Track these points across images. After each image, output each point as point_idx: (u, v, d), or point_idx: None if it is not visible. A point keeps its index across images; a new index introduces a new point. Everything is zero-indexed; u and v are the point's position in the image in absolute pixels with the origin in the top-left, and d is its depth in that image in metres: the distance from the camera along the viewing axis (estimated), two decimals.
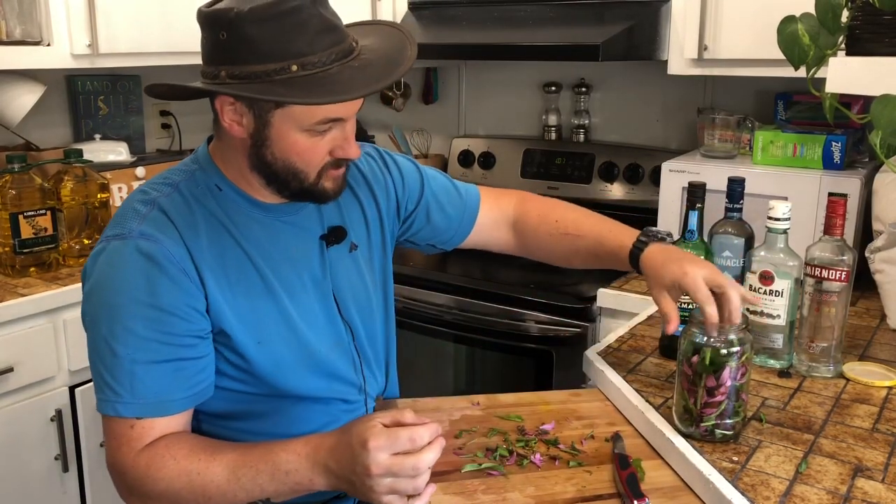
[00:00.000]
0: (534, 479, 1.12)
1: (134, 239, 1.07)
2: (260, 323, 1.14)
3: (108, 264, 1.08)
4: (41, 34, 2.04)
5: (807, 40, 1.36)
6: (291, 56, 1.02)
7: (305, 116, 1.07)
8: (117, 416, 1.06)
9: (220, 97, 1.08)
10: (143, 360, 1.06)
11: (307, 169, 1.12)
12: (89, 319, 1.10)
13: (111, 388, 1.07)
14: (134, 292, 1.06)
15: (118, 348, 1.06)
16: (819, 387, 1.34)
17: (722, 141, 2.10)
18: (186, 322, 1.08)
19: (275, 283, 1.16)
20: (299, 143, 1.09)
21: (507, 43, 2.20)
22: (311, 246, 1.22)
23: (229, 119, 1.09)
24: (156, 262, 1.07)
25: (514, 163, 2.67)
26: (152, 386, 1.07)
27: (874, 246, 1.65)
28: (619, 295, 1.94)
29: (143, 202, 1.12)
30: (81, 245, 2.06)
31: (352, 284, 1.27)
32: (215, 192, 1.15)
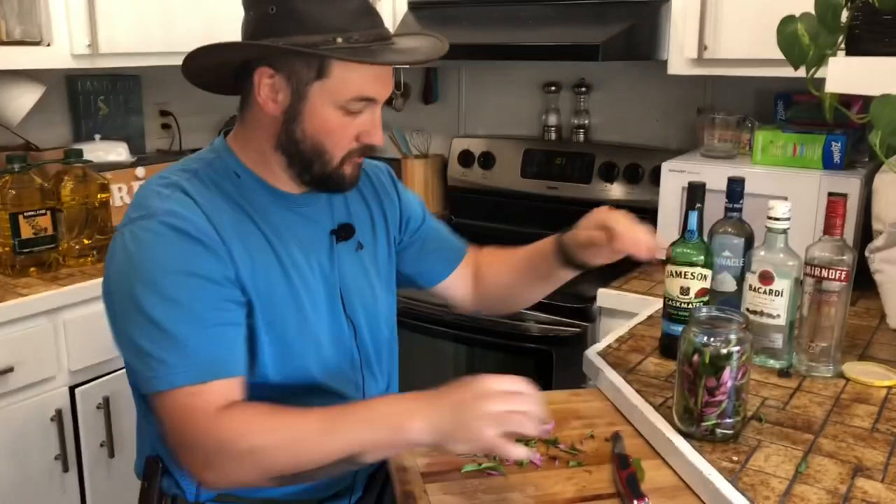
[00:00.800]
0: (534, 479, 1.12)
1: (160, 216, 1.08)
2: (273, 303, 1.16)
3: (139, 242, 1.08)
4: (41, 34, 2.04)
5: (806, 40, 1.36)
6: (336, 30, 1.08)
7: (342, 91, 1.11)
8: (173, 387, 1.04)
9: (260, 70, 1.11)
10: (190, 327, 1.06)
11: (333, 150, 1.15)
12: (122, 301, 1.09)
13: (161, 362, 1.05)
14: (171, 263, 1.07)
15: (162, 321, 1.05)
16: (819, 387, 1.35)
17: (722, 141, 2.10)
18: (225, 289, 1.10)
19: (290, 268, 1.18)
20: (332, 120, 1.12)
21: (507, 43, 2.20)
22: (321, 239, 1.24)
23: (265, 94, 1.12)
24: (187, 234, 1.08)
25: (513, 163, 2.67)
26: (203, 350, 1.06)
27: (874, 246, 1.65)
28: (619, 295, 1.94)
29: (164, 185, 1.13)
30: (81, 245, 2.06)
31: (357, 283, 1.29)
32: (234, 179, 1.17)
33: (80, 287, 1.90)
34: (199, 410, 1.05)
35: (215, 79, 1.20)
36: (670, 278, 1.41)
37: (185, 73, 1.16)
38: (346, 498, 1.30)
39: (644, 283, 2.01)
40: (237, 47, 1.12)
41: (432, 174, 2.84)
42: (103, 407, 1.95)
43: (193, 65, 1.14)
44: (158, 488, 1.21)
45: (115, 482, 1.99)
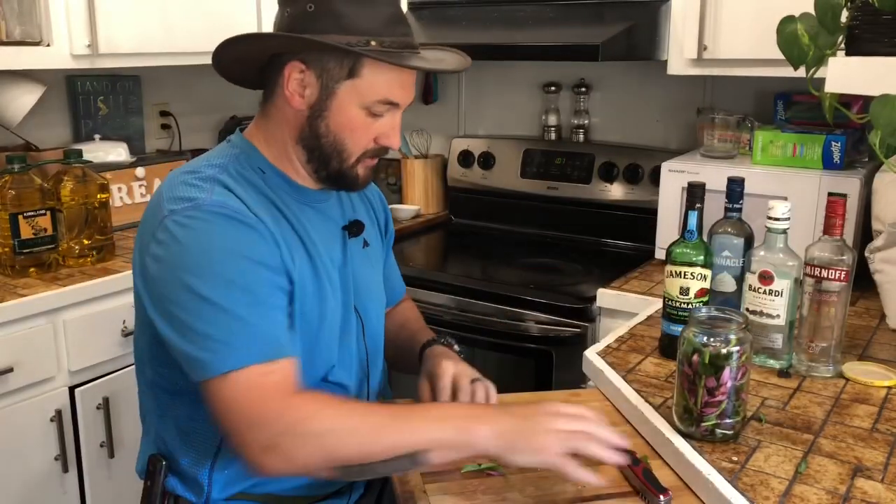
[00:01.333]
0: (533, 479, 1.12)
1: (208, 206, 1.09)
2: (305, 294, 1.17)
3: (191, 229, 1.08)
4: (41, 34, 2.04)
5: (806, 40, 1.36)
6: (370, 33, 1.11)
7: (370, 92, 1.14)
8: (241, 367, 1.03)
9: (292, 64, 1.13)
10: (252, 308, 1.06)
11: (353, 149, 1.17)
12: (172, 288, 1.07)
13: (224, 343, 1.04)
14: (228, 246, 1.08)
15: (224, 302, 1.05)
16: (818, 387, 1.35)
17: (722, 141, 2.10)
18: (277, 276, 1.11)
19: (317, 261, 1.20)
20: (356, 119, 1.15)
21: (507, 43, 2.21)
22: (335, 234, 1.27)
23: (293, 88, 1.15)
24: (241, 220, 1.09)
25: (513, 163, 2.67)
26: (268, 331, 1.07)
27: (874, 246, 1.65)
28: (618, 295, 1.94)
29: (200, 179, 1.13)
30: (81, 245, 2.06)
31: (365, 278, 1.31)
32: (259, 174, 1.19)
33: (80, 287, 1.90)
34: (273, 389, 1.04)
35: (240, 71, 1.22)
36: (670, 278, 1.41)
37: (216, 61, 1.19)
38: (346, 496, 1.30)
39: (644, 283, 2.01)
40: (277, 38, 1.14)
41: (432, 174, 2.84)
42: (103, 407, 1.94)
43: (227, 54, 1.16)
44: (162, 487, 1.21)
45: (115, 482, 1.99)
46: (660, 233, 2.10)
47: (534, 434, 1.02)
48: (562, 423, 1.03)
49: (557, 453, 1.01)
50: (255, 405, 1.03)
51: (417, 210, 2.79)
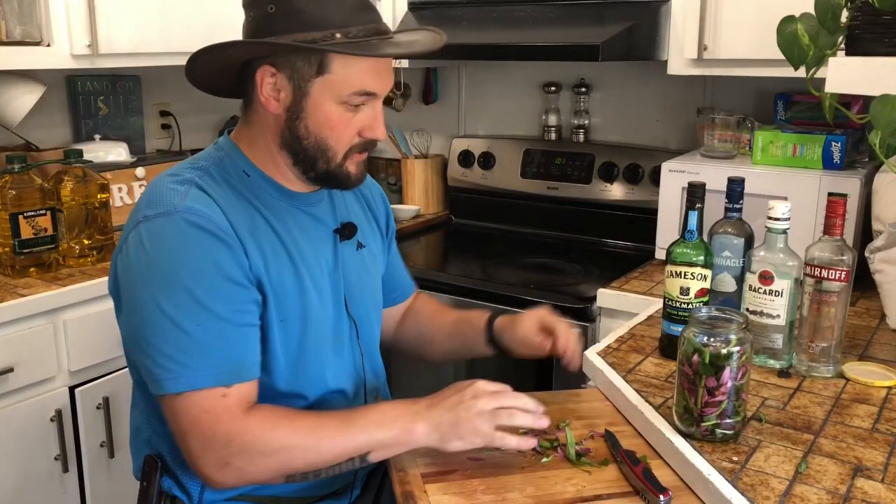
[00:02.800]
0: (533, 479, 1.12)
1: (181, 213, 1.08)
2: (287, 301, 1.16)
3: (158, 239, 1.08)
4: (41, 34, 2.04)
5: (806, 40, 1.36)
6: (335, 26, 1.09)
7: (343, 86, 1.12)
8: (194, 389, 1.05)
9: (262, 69, 1.12)
10: (213, 329, 1.06)
11: (337, 146, 1.16)
12: (139, 300, 1.08)
13: (182, 364, 1.05)
14: (193, 262, 1.07)
15: (185, 322, 1.05)
16: (819, 387, 1.35)
17: (722, 141, 2.10)
18: (246, 289, 1.11)
19: (301, 266, 1.19)
20: (334, 115, 1.13)
21: (507, 43, 2.20)
22: (326, 238, 1.25)
23: (267, 93, 1.13)
24: (210, 233, 1.08)
25: (513, 163, 2.67)
26: (226, 354, 1.07)
27: (874, 246, 1.65)
28: (619, 295, 1.94)
29: (177, 182, 1.13)
30: (81, 245, 2.06)
31: (360, 281, 1.30)
32: (243, 178, 1.18)
33: (80, 287, 1.90)
34: (225, 413, 1.06)
35: (218, 82, 1.20)
36: (670, 278, 1.41)
37: (189, 75, 1.17)
38: (345, 496, 1.30)
39: (644, 283, 2.01)
40: (237, 46, 1.12)
41: (432, 174, 2.84)
42: (103, 407, 1.95)
43: (196, 67, 1.15)
44: (158, 487, 1.21)
45: (115, 482, 1.99)
46: (660, 233, 2.10)
47: (463, 422, 1.09)
48: (483, 402, 1.10)
49: (487, 433, 1.09)
50: (206, 427, 1.06)
51: (417, 210, 2.79)
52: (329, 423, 1.10)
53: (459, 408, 1.10)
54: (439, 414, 1.10)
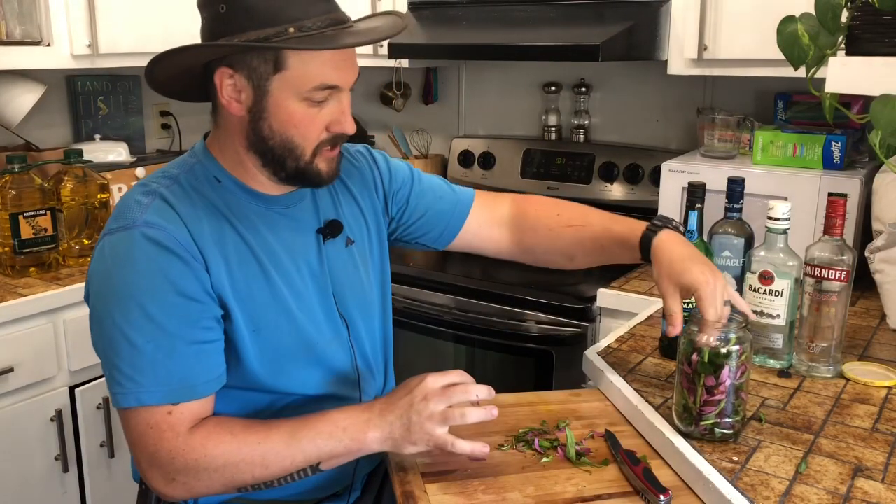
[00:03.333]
0: (533, 479, 1.12)
1: (139, 227, 1.07)
2: (258, 310, 1.15)
3: (116, 255, 1.08)
4: (41, 34, 2.04)
5: (806, 40, 1.36)
6: (288, 21, 1.06)
7: (302, 81, 1.09)
8: (141, 405, 1.05)
9: (220, 71, 1.10)
10: (164, 346, 1.06)
11: (304, 143, 1.13)
12: (99, 313, 1.09)
13: (131, 380, 1.05)
14: (147, 279, 1.06)
15: (136, 338, 1.05)
16: (819, 387, 1.35)
17: (722, 141, 2.10)
18: (202, 305, 1.09)
19: (273, 273, 1.17)
20: (297, 112, 1.10)
21: (507, 43, 2.20)
22: (308, 239, 1.23)
23: (228, 95, 1.11)
24: (165, 248, 1.07)
25: (514, 163, 2.67)
26: (176, 371, 1.07)
27: (874, 246, 1.65)
28: (619, 295, 1.94)
29: (143, 193, 1.12)
30: (81, 245, 2.06)
31: (349, 280, 1.28)
32: (214, 184, 1.16)
33: (80, 287, 1.90)
34: (177, 426, 1.07)
35: (183, 86, 1.19)
36: None
37: (151, 84, 1.15)
38: (344, 497, 1.30)
39: (644, 283, 2.01)
40: (187, 51, 1.09)
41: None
42: (103, 407, 1.95)
43: (155, 76, 1.13)
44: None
45: (115, 482, 1.99)
46: None
47: (416, 426, 1.06)
48: (434, 403, 1.06)
49: (440, 437, 1.06)
50: (151, 444, 1.07)
51: None
52: (276, 436, 1.08)
53: (411, 412, 1.06)
54: (391, 420, 1.07)
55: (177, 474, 1.07)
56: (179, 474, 1.07)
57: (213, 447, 1.06)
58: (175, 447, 1.06)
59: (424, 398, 1.07)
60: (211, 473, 1.07)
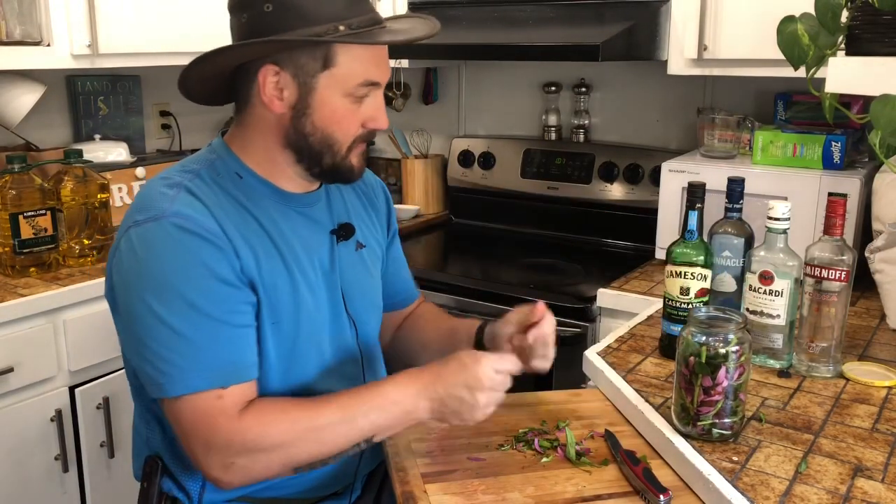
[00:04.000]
0: (534, 479, 1.12)
1: (168, 218, 1.08)
2: (279, 303, 1.16)
3: (148, 245, 1.07)
4: (41, 34, 2.04)
5: (806, 40, 1.36)
6: (336, 19, 1.09)
7: (350, 78, 1.12)
8: (191, 391, 1.05)
9: (265, 69, 1.11)
10: (208, 331, 1.06)
11: (343, 139, 1.16)
12: (132, 305, 1.08)
13: (177, 367, 1.05)
14: (185, 265, 1.06)
15: (178, 325, 1.05)
16: (819, 387, 1.35)
17: (722, 141, 2.10)
18: (238, 290, 1.10)
19: (293, 267, 1.18)
20: (340, 109, 1.13)
21: (507, 43, 2.20)
22: (322, 239, 1.24)
23: (270, 93, 1.12)
24: (199, 235, 1.07)
25: (513, 163, 2.67)
26: (222, 354, 1.07)
27: (874, 246, 1.65)
28: (619, 295, 1.94)
29: (167, 186, 1.12)
30: (81, 245, 2.06)
31: (359, 281, 1.29)
32: (236, 180, 1.17)
33: (80, 287, 1.90)
34: (222, 414, 1.06)
35: (209, 90, 1.20)
36: (670, 278, 1.41)
37: (184, 86, 1.17)
38: (345, 497, 1.30)
39: (644, 283, 2.01)
40: (252, 47, 1.10)
41: (432, 174, 2.84)
42: (103, 407, 1.95)
43: (196, 73, 1.14)
44: (158, 488, 1.21)
45: (115, 482, 1.99)
46: (660, 233, 2.10)
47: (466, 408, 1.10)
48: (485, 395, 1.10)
49: (481, 417, 1.11)
50: (205, 430, 1.06)
51: (417, 210, 2.79)
52: (329, 412, 1.09)
53: (463, 394, 1.09)
54: (442, 395, 1.10)
55: (235, 457, 1.06)
56: (238, 457, 1.06)
57: (268, 427, 1.06)
58: (230, 430, 1.05)
59: (474, 387, 1.09)
60: (269, 454, 1.06)
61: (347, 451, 1.10)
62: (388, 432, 1.12)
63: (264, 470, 1.08)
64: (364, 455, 1.30)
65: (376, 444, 1.15)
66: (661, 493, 1.05)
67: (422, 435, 1.23)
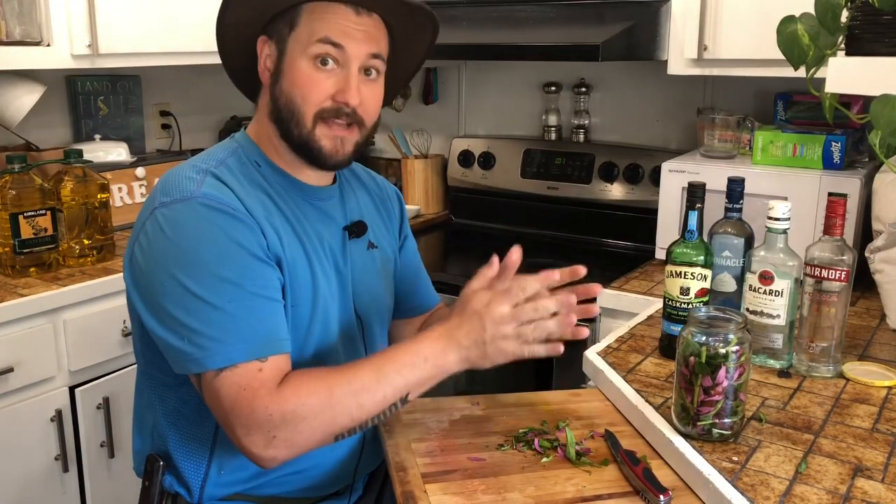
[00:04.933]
0: (534, 479, 1.12)
1: (197, 199, 1.09)
2: (298, 287, 1.17)
3: (177, 224, 1.08)
4: (41, 34, 2.04)
5: (806, 40, 1.36)
6: None
7: (308, 35, 1.14)
8: (231, 363, 1.05)
9: (260, 40, 1.19)
10: (244, 304, 1.06)
11: (304, 106, 1.15)
12: (162, 282, 1.07)
13: (216, 340, 1.05)
14: (216, 244, 1.07)
15: (214, 298, 1.05)
16: (819, 387, 1.35)
17: (722, 141, 2.10)
18: (269, 266, 1.11)
19: (311, 253, 1.19)
20: (303, 71, 1.15)
21: (507, 43, 2.20)
22: (335, 233, 1.26)
23: (263, 64, 1.18)
24: (229, 214, 1.09)
25: (514, 163, 2.67)
26: (258, 326, 1.07)
27: (874, 246, 1.65)
28: (619, 295, 1.94)
29: (194, 171, 1.14)
30: (81, 245, 2.06)
31: (368, 280, 1.30)
32: (256, 167, 1.20)
33: (80, 287, 1.90)
34: (262, 387, 1.05)
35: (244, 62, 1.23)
36: (670, 278, 1.41)
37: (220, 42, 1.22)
38: (345, 497, 1.30)
39: (644, 283, 2.01)
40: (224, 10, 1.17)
41: (432, 174, 2.84)
42: (103, 407, 1.95)
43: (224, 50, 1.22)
44: (159, 486, 1.21)
45: (115, 482, 1.99)
46: (660, 233, 2.10)
47: (491, 349, 1.10)
48: (505, 327, 1.09)
49: (515, 351, 1.11)
50: (246, 405, 1.05)
51: (417, 210, 2.79)
52: (363, 374, 1.08)
53: (485, 336, 1.09)
54: (466, 345, 1.10)
55: (277, 430, 1.05)
56: (280, 430, 1.04)
57: (308, 395, 1.05)
58: (270, 403, 1.04)
59: (495, 323, 1.09)
60: (311, 422, 1.05)
61: (385, 412, 1.09)
62: (421, 388, 1.12)
63: (307, 440, 1.07)
64: (364, 455, 1.30)
65: (376, 444, 1.15)
66: (661, 493, 1.05)
67: (422, 435, 1.23)
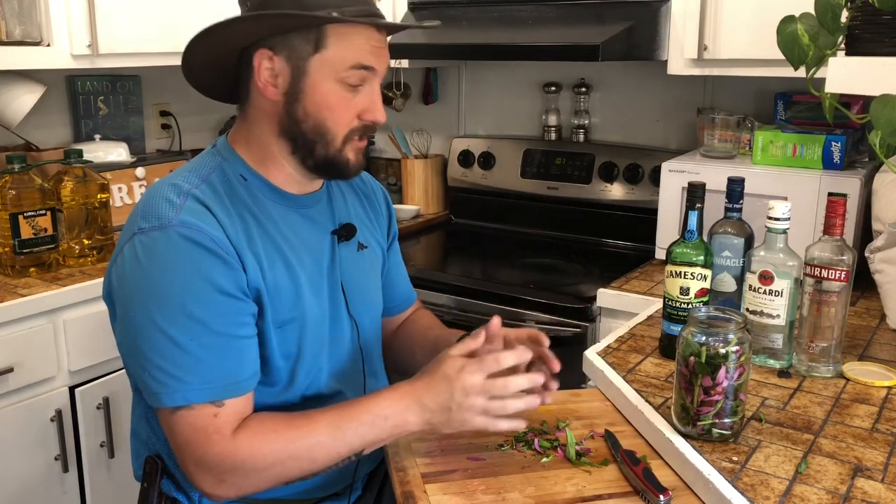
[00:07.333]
0: (534, 479, 1.12)
1: (175, 227, 1.07)
2: (283, 307, 1.16)
3: (152, 255, 1.07)
4: (41, 34, 2.04)
5: (806, 40, 1.36)
6: (331, 6, 1.08)
7: (341, 60, 1.11)
8: (188, 403, 1.05)
9: (259, 53, 1.11)
10: (208, 344, 1.06)
11: (335, 128, 1.14)
12: (134, 314, 1.08)
13: (177, 379, 1.05)
14: (189, 279, 1.06)
15: (179, 337, 1.05)
16: (819, 387, 1.35)
17: (722, 141, 2.10)
18: (241, 302, 1.10)
19: (297, 270, 1.18)
20: (332, 95, 1.12)
21: (507, 43, 2.20)
22: (323, 239, 1.24)
23: (264, 79, 1.12)
24: (204, 247, 1.07)
25: (513, 163, 2.67)
26: (219, 369, 1.07)
27: (874, 246, 1.65)
28: (619, 295, 1.94)
29: (175, 194, 1.11)
30: (81, 245, 2.06)
31: (360, 282, 1.29)
32: (241, 182, 1.17)
33: (80, 287, 1.90)
34: (224, 428, 1.06)
35: (213, 78, 1.19)
36: (670, 278, 1.41)
37: (188, 69, 1.16)
38: (345, 497, 1.30)
39: (644, 283, 2.01)
40: (234, 23, 1.10)
41: (432, 174, 2.84)
42: (103, 407, 1.95)
43: (196, 56, 1.14)
44: (158, 489, 1.21)
45: (115, 482, 1.99)
46: (660, 233, 2.10)
47: (456, 416, 1.08)
48: (474, 399, 1.08)
49: (479, 424, 1.09)
50: (199, 447, 1.06)
51: (417, 210, 2.79)
52: (320, 430, 1.08)
53: (451, 403, 1.08)
54: (431, 408, 1.09)
55: (227, 475, 1.06)
56: (229, 475, 1.06)
57: (260, 446, 1.06)
58: (223, 450, 1.06)
59: (465, 394, 1.08)
60: (260, 473, 1.07)
61: (338, 465, 1.11)
62: (377, 445, 1.12)
63: (256, 487, 1.09)
64: None
65: None
66: (661, 493, 1.05)
67: (422, 435, 1.23)
